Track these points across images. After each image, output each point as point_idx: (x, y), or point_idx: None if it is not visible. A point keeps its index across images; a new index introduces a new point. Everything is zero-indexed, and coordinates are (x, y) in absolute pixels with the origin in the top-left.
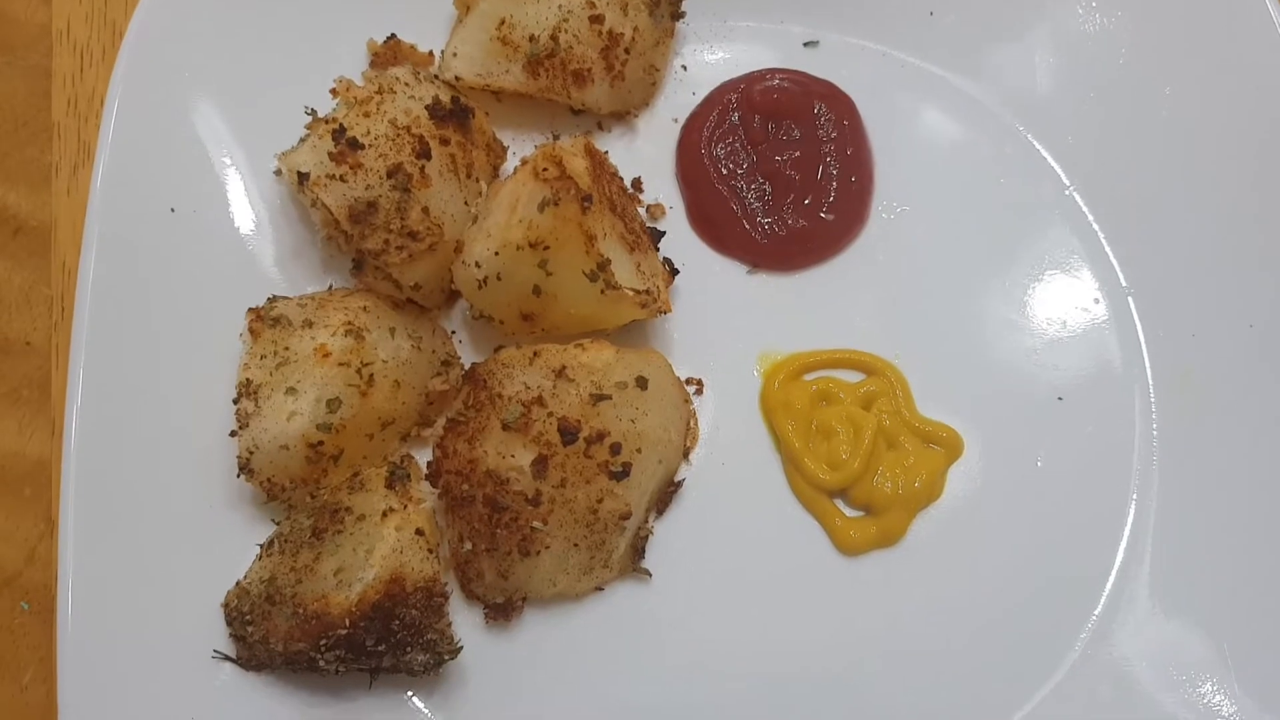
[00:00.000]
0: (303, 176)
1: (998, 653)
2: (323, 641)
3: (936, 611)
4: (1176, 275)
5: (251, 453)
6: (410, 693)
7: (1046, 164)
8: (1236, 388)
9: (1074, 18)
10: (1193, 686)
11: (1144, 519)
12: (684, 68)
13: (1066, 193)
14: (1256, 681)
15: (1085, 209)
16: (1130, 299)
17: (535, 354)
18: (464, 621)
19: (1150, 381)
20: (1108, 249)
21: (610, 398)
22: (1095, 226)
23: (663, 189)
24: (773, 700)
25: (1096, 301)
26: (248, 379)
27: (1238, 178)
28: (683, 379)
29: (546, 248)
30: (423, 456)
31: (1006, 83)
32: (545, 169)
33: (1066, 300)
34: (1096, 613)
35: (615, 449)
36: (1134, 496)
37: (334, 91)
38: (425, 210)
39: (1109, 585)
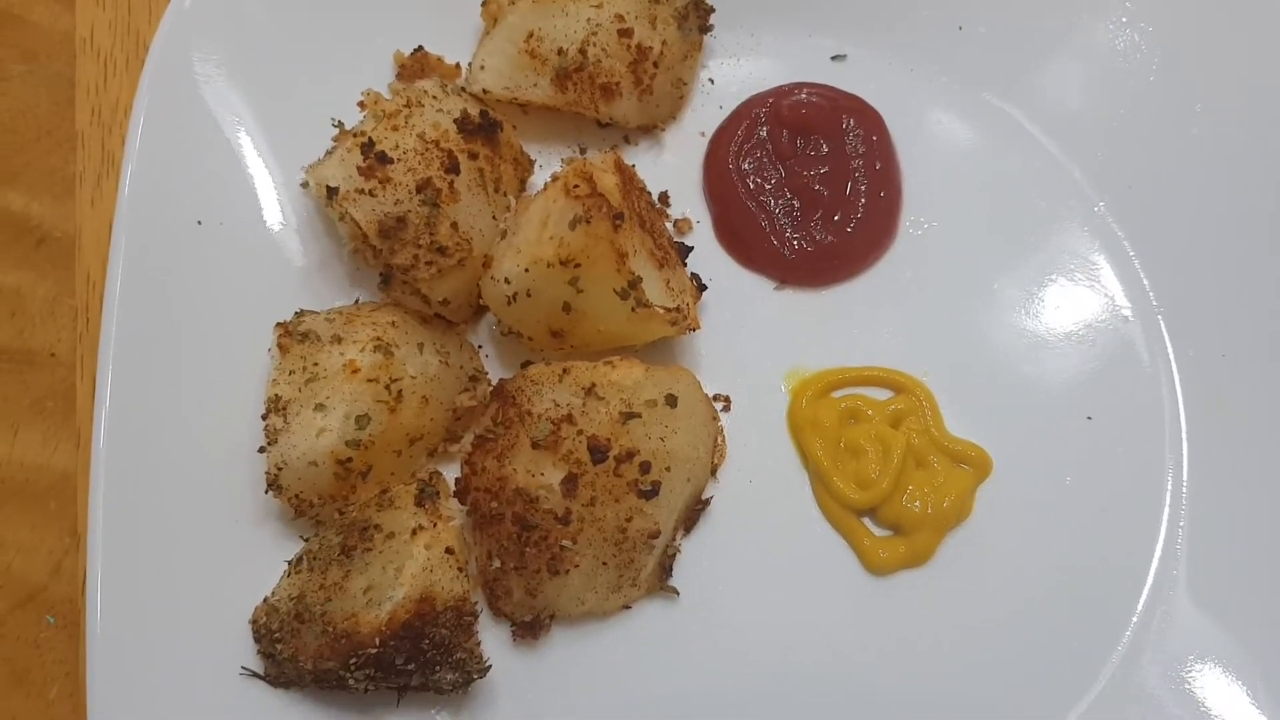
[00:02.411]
0: (331, 191)
1: (1027, 674)
2: (352, 660)
3: (966, 632)
4: (1207, 295)
5: (280, 469)
6: (437, 711)
7: (1075, 181)
8: (1268, 408)
9: (1104, 33)
10: (1229, 707)
11: (1175, 539)
12: (711, 81)
13: (1096, 210)
14: None
15: (1115, 227)
16: (1160, 318)
17: (565, 371)
18: (491, 639)
19: (1180, 402)
20: (1138, 267)
21: (640, 416)
22: (1125, 244)
23: (690, 203)
24: (799, 717)
25: (1126, 321)
26: (276, 395)
27: (1270, 196)
28: (710, 395)
29: (577, 265)
30: (450, 472)
31: (1036, 98)
32: (576, 185)
33: (1096, 319)
34: (1128, 634)
35: (645, 468)
36: (1165, 517)
37: (361, 104)
38: (454, 225)
39: (1140, 606)
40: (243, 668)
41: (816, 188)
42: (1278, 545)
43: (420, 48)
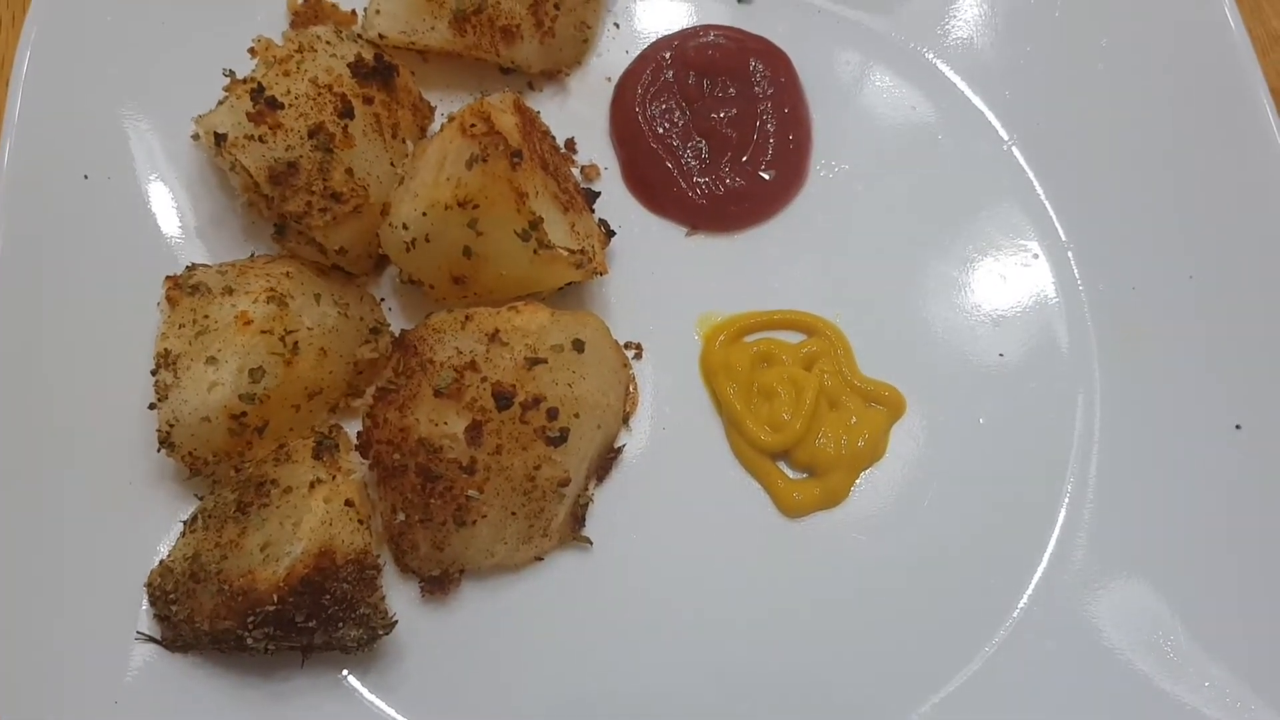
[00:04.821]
0: (220, 138)
1: (944, 611)
2: (250, 619)
3: (881, 571)
4: (1117, 229)
5: (172, 426)
6: (345, 671)
7: (985, 119)
8: (1177, 340)
9: None
10: (1140, 638)
11: (1086, 473)
12: (616, 25)
13: (1005, 148)
14: (1203, 631)
15: (1024, 164)
16: (1070, 253)
17: (467, 318)
18: (400, 596)
19: (1092, 335)
20: (1047, 204)
21: (546, 361)
22: (1034, 181)
23: (597, 149)
24: (718, 665)
25: (1036, 257)
26: (166, 349)
27: (1175, 130)
28: (621, 343)
29: (476, 206)
30: (353, 429)
31: (943, 37)
32: (473, 125)
33: (1007, 256)
34: (1041, 568)
35: (552, 414)
36: (1076, 450)
37: (253, 51)
38: (349, 171)
39: (1053, 540)
40: (138, 632)
41: (725, 130)
42: (1188, 476)
43: None
